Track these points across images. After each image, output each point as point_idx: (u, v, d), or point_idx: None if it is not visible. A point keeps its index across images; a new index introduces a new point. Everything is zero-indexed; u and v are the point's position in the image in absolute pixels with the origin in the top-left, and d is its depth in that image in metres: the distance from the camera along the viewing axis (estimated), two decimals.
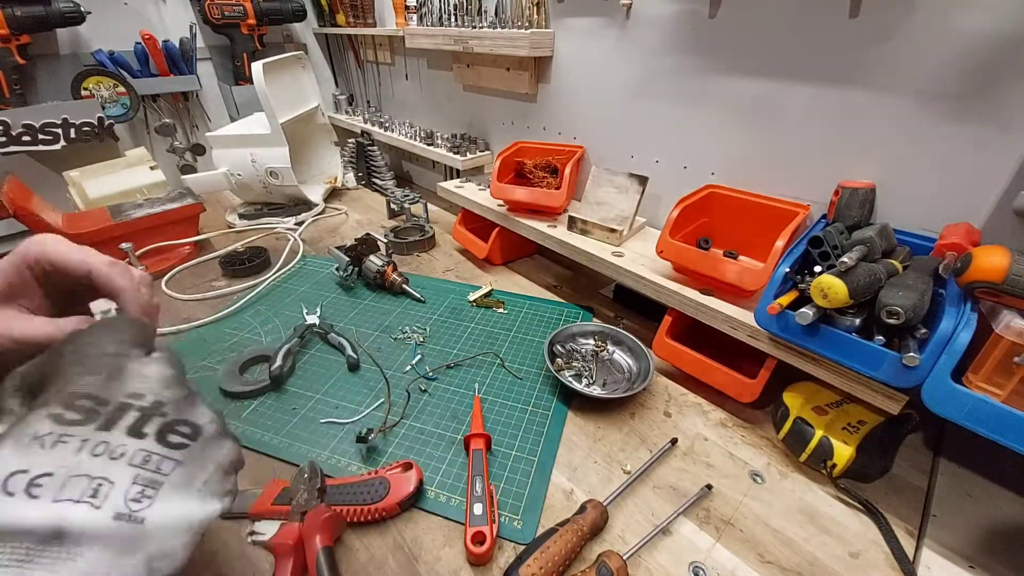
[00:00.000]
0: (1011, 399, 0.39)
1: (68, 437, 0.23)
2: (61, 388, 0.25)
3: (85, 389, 0.25)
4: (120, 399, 0.25)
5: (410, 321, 0.76)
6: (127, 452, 0.23)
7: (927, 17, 0.50)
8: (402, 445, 0.54)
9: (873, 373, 0.44)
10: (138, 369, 0.27)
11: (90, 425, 0.23)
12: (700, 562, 0.43)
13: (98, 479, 0.22)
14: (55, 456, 0.22)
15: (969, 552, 0.44)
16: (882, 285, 0.44)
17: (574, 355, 0.67)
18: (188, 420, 0.26)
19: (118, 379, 0.26)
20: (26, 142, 1.08)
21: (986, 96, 0.49)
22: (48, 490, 0.21)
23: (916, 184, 0.56)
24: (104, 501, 0.22)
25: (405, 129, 1.31)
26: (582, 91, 0.90)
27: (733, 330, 0.58)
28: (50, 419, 0.23)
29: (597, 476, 0.51)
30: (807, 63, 0.60)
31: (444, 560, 0.43)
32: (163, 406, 0.26)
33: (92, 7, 1.16)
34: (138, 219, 0.88)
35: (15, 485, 0.21)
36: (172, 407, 0.26)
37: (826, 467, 0.49)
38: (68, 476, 0.22)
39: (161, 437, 0.25)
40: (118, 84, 1.24)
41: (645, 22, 0.75)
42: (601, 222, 0.76)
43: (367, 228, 1.08)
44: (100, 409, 0.24)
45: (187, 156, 1.35)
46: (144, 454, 0.24)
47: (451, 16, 1.02)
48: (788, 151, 0.65)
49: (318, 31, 1.60)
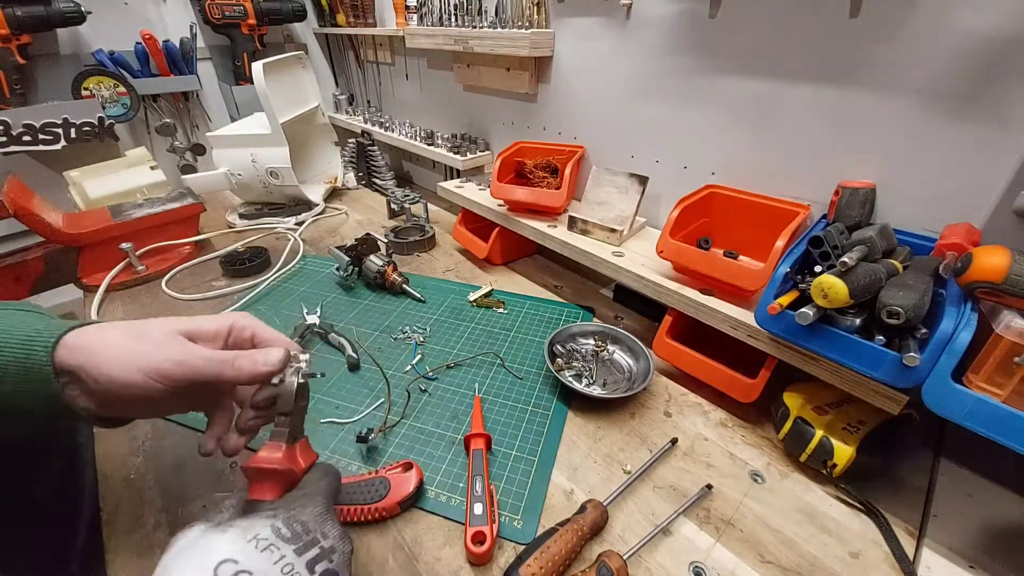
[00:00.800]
0: (1011, 399, 0.39)
1: (275, 548, 0.27)
2: (290, 508, 0.31)
3: (303, 516, 0.30)
4: (316, 534, 0.30)
5: (410, 321, 0.76)
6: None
7: (927, 17, 0.50)
8: (402, 445, 0.54)
9: (873, 373, 0.44)
10: (333, 517, 0.32)
11: (292, 546, 0.28)
12: (700, 562, 0.43)
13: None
14: (261, 559, 0.26)
15: (969, 552, 0.44)
16: (882, 285, 0.44)
17: (574, 355, 0.67)
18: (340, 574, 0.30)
19: (323, 518, 0.31)
20: (26, 142, 1.08)
21: (986, 96, 0.49)
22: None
23: (916, 184, 0.56)
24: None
25: (405, 129, 1.31)
26: (582, 91, 0.90)
27: (733, 330, 0.58)
28: (271, 528, 0.28)
29: (597, 476, 0.51)
30: (807, 63, 0.60)
31: (444, 560, 0.43)
32: (333, 553, 0.30)
33: (92, 7, 1.16)
34: (138, 219, 0.88)
35: (225, 571, 0.25)
36: (338, 557, 0.30)
37: (826, 467, 0.49)
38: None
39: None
40: (118, 84, 1.24)
41: (645, 22, 0.75)
42: (601, 222, 0.76)
43: (367, 228, 1.08)
44: (303, 536, 0.29)
45: (187, 156, 1.35)
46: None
47: (451, 16, 1.02)
48: (788, 151, 0.65)
49: (318, 31, 1.60)
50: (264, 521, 0.29)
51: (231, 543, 0.26)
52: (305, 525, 0.30)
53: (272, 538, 0.28)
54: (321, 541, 0.29)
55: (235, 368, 0.35)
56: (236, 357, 0.35)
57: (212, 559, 0.25)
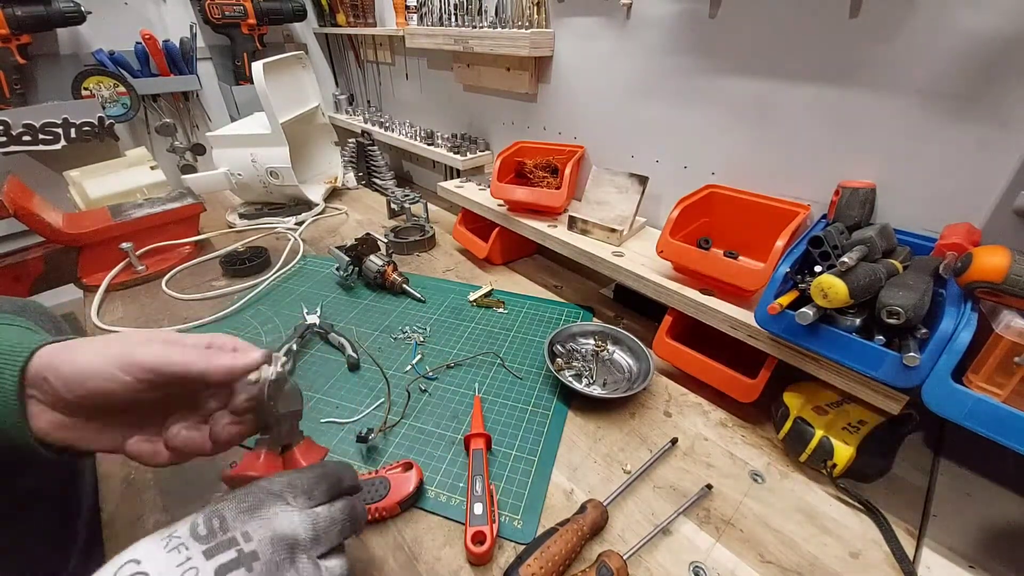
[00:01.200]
0: (1011, 399, 0.39)
1: (183, 548, 0.24)
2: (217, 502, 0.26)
3: (224, 511, 0.26)
4: (235, 533, 0.25)
5: (410, 321, 0.76)
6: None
7: (927, 17, 0.50)
8: (402, 445, 0.54)
9: (873, 373, 0.44)
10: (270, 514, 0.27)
11: (203, 546, 0.24)
12: (700, 562, 0.43)
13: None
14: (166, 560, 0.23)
15: (969, 552, 0.44)
16: (882, 285, 0.44)
17: (574, 355, 0.67)
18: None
19: (249, 514, 0.26)
20: (26, 142, 1.08)
21: (986, 96, 0.49)
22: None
23: (916, 184, 0.56)
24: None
25: (405, 129, 1.31)
26: (582, 91, 0.90)
27: (733, 330, 0.58)
28: (190, 525, 0.25)
29: (597, 476, 0.51)
30: (807, 63, 0.60)
31: (444, 560, 0.43)
32: (255, 560, 0.25)
33: (92, 7, 1.16)
34: (138, 219, 0.88)
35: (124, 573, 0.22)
36: (262, 566, 0.25)
37: (826, 467, 0.49)
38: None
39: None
40: (118, 84, 1.25)
41: (645, 22, 0.75)
42: (601, 222, 0.76)
43: (367, 228, 1.08)
44: (218, 535, 0.25)
45: (187, 156, 1.35)
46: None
47: (451, 16, 1.02)
48: (788, 151, 0.65)
49: (318, 31, 1.60)
50: (190, 517, 0.25)
51: (148, 542, 0.24)
52: (224, 522, 0.25)
53: (185, 536, 0.24)
54: (240, 543, 0.25)
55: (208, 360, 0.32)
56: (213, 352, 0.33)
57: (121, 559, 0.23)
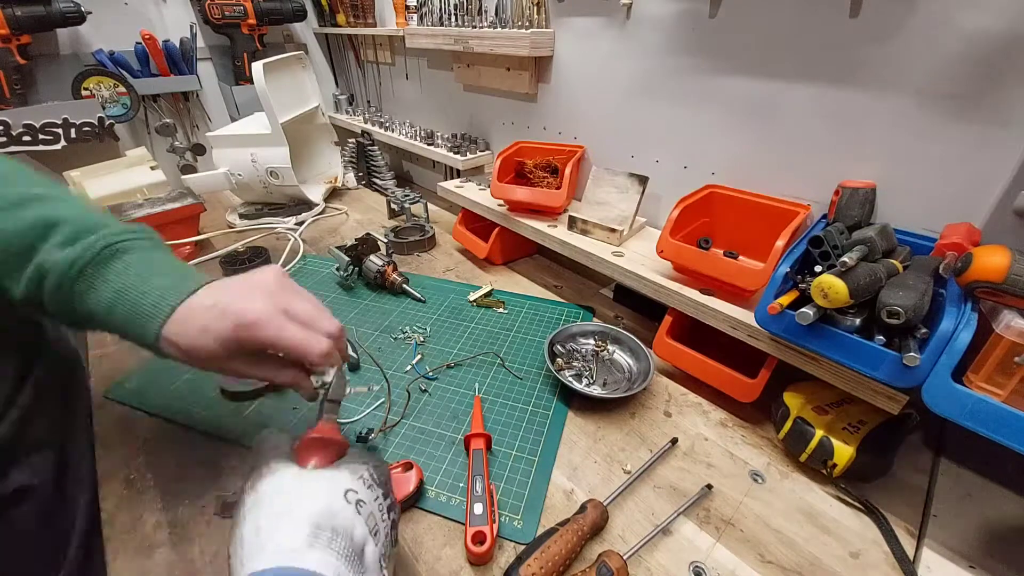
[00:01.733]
0: (1011, 399, 0.39)
1: (374, 488, 0.33)
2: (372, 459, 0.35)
3: (384, 471, 0.35)
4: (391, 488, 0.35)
5: (410, 321, 0.76)
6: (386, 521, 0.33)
7: (928, 17, 0.50)
8: (402, 445, 0.54)
9: (873, 373, 0.44)
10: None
11: (382, 490, 0.34)
12: (700, 562, 0.43)
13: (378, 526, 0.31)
14: (368, 494, 0.32)
15: (969, 552, 0.44)
16: (882, 285, 0.44)
17: (574, 355, 0.67)
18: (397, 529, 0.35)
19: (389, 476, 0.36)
20: (26, 142, 1.08)
21: (987, 96, 0.49)
22: (364, 511, 0.31)
23: (916, 184, 0.56)
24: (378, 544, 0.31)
25: (405, 129, 1.31)
26: (582, 91, 0.90)
27: (733, 330, 0.58)
28: (368, 471, 0.33)
29: (597, 476, 0.51)
30: (807, 63, 0.60)
31: (444, 560, 0.43)
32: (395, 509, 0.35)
33: (92, 7, 1.16)
34: (138, 219, 0.88)
35: (352, 497, 0.30)
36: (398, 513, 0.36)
37: (826, 467, 0.49)
38: (371, 511, 0.31)
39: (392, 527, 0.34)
40: (118, 84, 1.25)
41: (645, 22, 0.75)
42: (601, 222, 0.76)
43: (367, 228, 1.08)
44: (387, 485, 0.35)
45: (187, 156, 1.35)
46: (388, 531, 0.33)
47: (451, 16, 1.02)
48: (788, 151, 0.65)
49: (318, 31, 1.60)
50: (361, 465, 0.34)
51: (348, 477, 0.32)
52: (386, 477, 0.35)
53: (371, 479, 0.33)
54: (391, 495, 0.35)
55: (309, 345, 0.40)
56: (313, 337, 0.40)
57: (341, 485, 0.31)
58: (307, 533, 0.27)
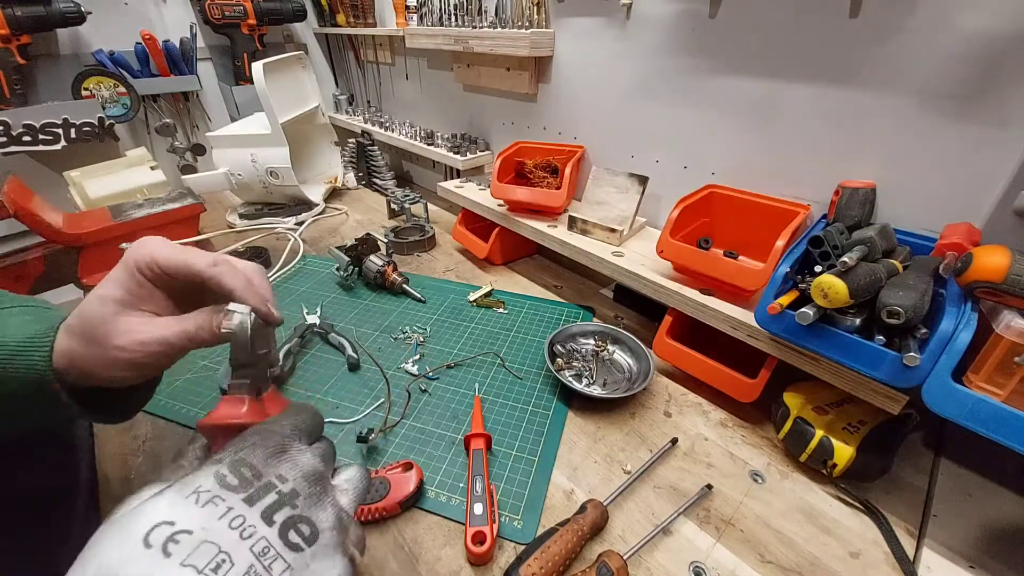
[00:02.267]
0: (1011, 399, 0.39)
1: (219, 500, 0.23)
2: (236, 451, 0.26)
3: (251, 458, 0.25)
4: (270, 477, 0.25)
5: (410, 321, 0.76)
6: (254, 535, 0.23)
7: (927, 17, 0.50)
8: (402, 445, 0.54)
9: (873, 373, 0.44)
10: (294, 455, 0.27)
11: (240, 494, 0.24)
12: (700, 562, 0.43)
13: (223, 554, 0.22)
14: (202, 515, 0.22)
15: (969, 552, 0.44)
16: (882, 285, 0.44)
17: (574, 355, 0.67)
18: (311, 520, 0.25)
19: (277, 458, 0.26)
20: (26, 142, 1.08)
21: (986, 96, 0.49)
22: (182, 549, 0.21)
23: (916, 184, 0.56)
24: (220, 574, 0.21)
25: (405, 129, 1.31)
26: (582, 91, 0.90)
27: (733, 330, 0.58)
28: (215, 477, 0.24)
29: (597, 476, 0.51)
30: (807, 63, 0.60)
31: (444, 560, 0.43)
32: (297, 497, 0.25)
33: (92, 7, 1.16)
34: (139, 219, 0.88)
35: (156, 537, 0.21)
36: (303, 501, 0.25)
37: (826, 467, 0.49)
38: (202, 540, 0.21)
39: (284, 530, 0.24)
40: (118, 84, 1.24)
41: (645, 22, 0.75)
42: (601, 222, 0.76)
43: (367, 228, 1.08)
44: (254, 482, 0.24)
45: (187, 156, 1.35)
46: (264, 544, 0.23)
47: (451, 16, 1.02)
48: (788, 151, 0.65)
49: (318, 31, 1.60)
50: (208, 470, 0.24)
51: (168, 503, 0.22)
52: (255, 469, 0.25)
53: (216, 488, 0.23)
54: (278, 485, 0.25)
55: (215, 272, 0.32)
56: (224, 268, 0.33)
57: (142, 525, 0.21)
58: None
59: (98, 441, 0.54)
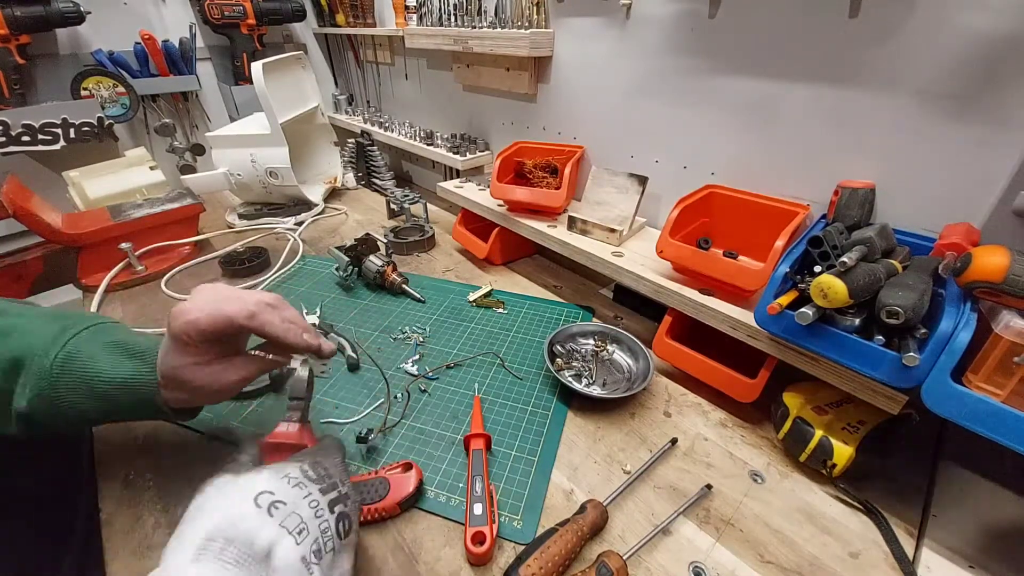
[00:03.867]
0: (1011, 399, 0.39)
1: (303, 485, 0.31)
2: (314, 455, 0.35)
3: (326, 463, 0.35)
4: (336, 479, 0.34)
5: (410, 321, 0.76)
6: (323, 517, 0.31)
7: (927, 17, 0.50)
8: (402, 445, 0.54)
9: (873, 373, 0.44)
10: (346, 470, 0.37)
11: (318, 485, 0.32)
12: (700, 562, 0.43)
13: (304, 524, 0.29)
14: (292, 492, 0.30)
15: (969, 552, 0.44)
16: (882, 285, 0.44)
17: (574, 355, 0.67)
18: (351, 519, 0.33)
19: (340, 469, 0.36)
20: (26, 142, 1.08)
21: (986, 96, 0.49)
22: (280, 514, 0.29)
23: (916, 184, 0.56)
24: (302, 542, 0.29)
25: (405, 129, 1.31)
26: (582, 91, 0.90)
27: (733, 330, 0.58)
28: (300, 470, 0.32)
29: (597, 476, 0.51)
30: (807, 63, 0.60)
31: (444, 560, 0.43)
32: (348, 499, 0.33)
33: (92, 7, 1.16)
34: (138, 219, 0.88)
35: (263, 500, 0.29)
36: (351, 504, 0.34)
37: (826, 467, 0.49)
38: (292, 511, 0.29)
39: (338, 520, 0.32)
40: (118, 84, 1.24)
41: (645, 22, 0.75)
42: (601, 222, 0.76)
43: (367, 228, 1.08)
44: (326, 479, 0.33)
45: (187, 156, 1.35)
46: (327, 525, 0.31)
47: (451, 16, 1.02)
48: (788, 151, 0.65)
49: (318, 31, 1.60)
50: (293, 464, 0.33)
51: (267, 479, 0.30)
52: (328, 470, 0.34)
53: (301, 477, 0.31)
54: (340, 487, 0.33)
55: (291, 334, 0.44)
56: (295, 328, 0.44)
57: (252, 490, 0.29)
58: (196, 547, 0.26)
59: (97, 441, 0.54)
